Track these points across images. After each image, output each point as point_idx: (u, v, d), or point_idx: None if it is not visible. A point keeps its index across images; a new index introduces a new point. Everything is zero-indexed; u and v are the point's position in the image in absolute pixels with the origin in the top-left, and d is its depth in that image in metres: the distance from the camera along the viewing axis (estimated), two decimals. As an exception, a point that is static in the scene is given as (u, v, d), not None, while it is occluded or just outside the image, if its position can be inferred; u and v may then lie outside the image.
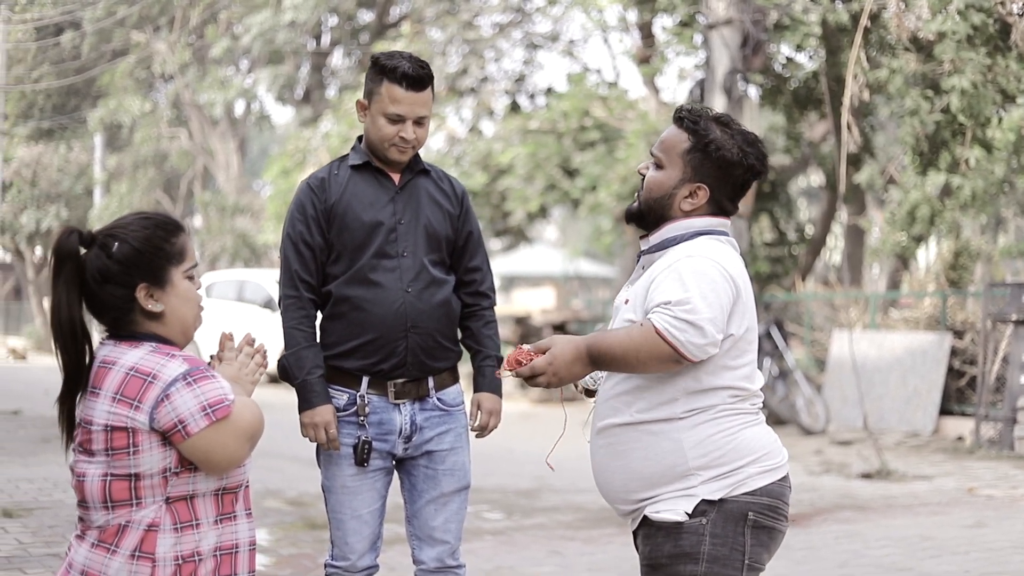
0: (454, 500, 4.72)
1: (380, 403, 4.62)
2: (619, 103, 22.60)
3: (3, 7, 32.14)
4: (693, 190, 3.60)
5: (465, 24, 26.16)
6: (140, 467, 3.02)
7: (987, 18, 13.63)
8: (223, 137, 35.56)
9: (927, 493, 11.02)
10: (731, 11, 15.85)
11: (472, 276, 4.82)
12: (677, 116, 3.65)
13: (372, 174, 4.69)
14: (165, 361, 3.05)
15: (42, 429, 14.61)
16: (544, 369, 3.39)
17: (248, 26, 30.71)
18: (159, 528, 3.05)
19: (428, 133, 4.70)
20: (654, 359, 3.37)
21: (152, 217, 3.19)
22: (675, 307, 3.35)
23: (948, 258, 17.41)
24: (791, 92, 19.32)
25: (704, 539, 3.46)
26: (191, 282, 3.20)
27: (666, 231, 3.62)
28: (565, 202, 22.23)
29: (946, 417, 15.33)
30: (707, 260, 3.46)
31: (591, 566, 7.92)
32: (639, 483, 3.53)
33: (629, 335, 3.38)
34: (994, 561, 7.90)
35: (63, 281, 3.09)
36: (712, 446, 3.48)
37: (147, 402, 3.00)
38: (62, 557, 7.46)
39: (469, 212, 4.83)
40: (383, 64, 4.58)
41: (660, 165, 3.64)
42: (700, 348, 3.35)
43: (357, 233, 4.61)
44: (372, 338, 4.59)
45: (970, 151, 14.73)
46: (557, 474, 11.96)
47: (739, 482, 3.49)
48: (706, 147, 3.58)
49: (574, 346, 3.41)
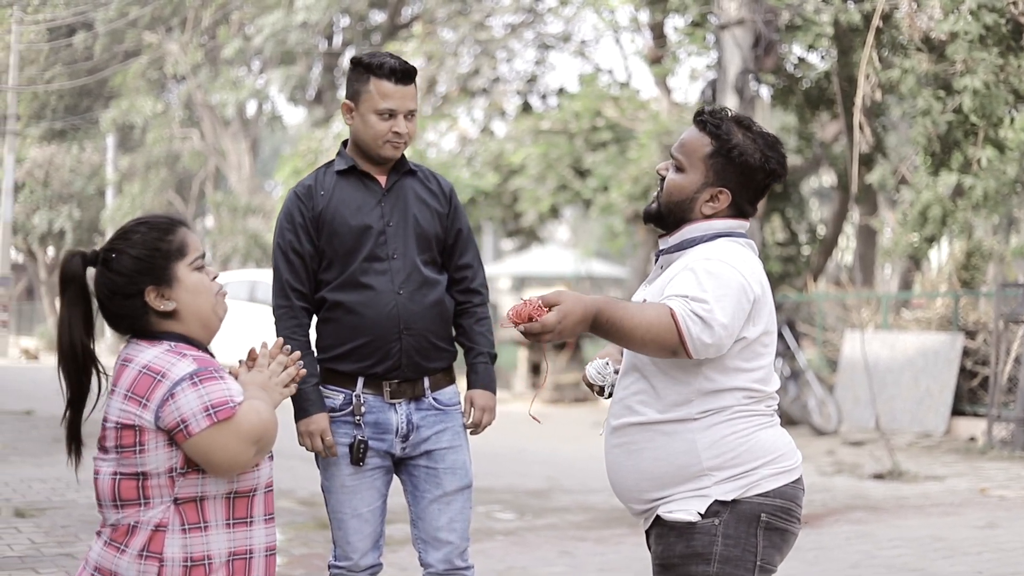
0: (457, 499, 4.71)
1: (376, 403, 4.64)
2: (631, 103, 22.61)
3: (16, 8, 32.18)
4: (715, 194, 3.58)
5: (477, 25, 26.17)
6: (146, 466, 3.04)
7: (999, 18, 13.61)
8: (235, 138, 35.61)
9: (939, 494, 11.00)
10: (743, 11, 15.84)
11: (463, 273, 4.82)
12: (699, 119, 3.62)
13: (358, 178, 4.71)
14: (175, 360, 3.07)
15: (54, 429, 14.63)
16: (552, 327, 3.25)
17: (260, 27, 30.73)
18: (167, 528, 3.04)
19: (416, 128, 4.74)
20: (658, 343, 3.33)
21: (145, 220, 3.21)
22: (693, 301, 3.33)
23: (960, 258, 17.38)
24: (803, 92, 19.30)
25: (716, 539, 3.46)
26: (200, 273, 3.20)
27: (686, 232, 3.61)
28: (577, 202, 22.25)
29: (958, 418, 15.31)
30: (725, 264, 3.44)
31: (602, 566, 7.91)
32: (651, 483, 3.53)
33: (643, 311, 3.33)
34: (1006, 562, 7.89)
35: (68, 303, 3.13)
36: (726, 447, 3.48)
37: (154, 400, 3.02)
38: (75, 557, 7.51)
39: (458, 209, 4.84)
40: (368, 63, 4.62)
41: (681, 168, 3.61)
42: (705, 347, 3.33)
43: (346, 238, 4.63)
44: (366, 341, 4.61)
45: (982, 151, 14.70)
46: (568, 474, 11.98)
47: (752, 483, 3.49)
48: (729, 152, 3.56)
49: (583, 307, 3.28)
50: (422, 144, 23.83)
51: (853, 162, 13.88)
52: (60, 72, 34.42)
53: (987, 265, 18.21)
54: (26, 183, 38.11)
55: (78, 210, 38.58)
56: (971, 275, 17.27)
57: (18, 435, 14.12)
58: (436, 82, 25.71)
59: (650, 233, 21.63)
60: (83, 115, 38.43)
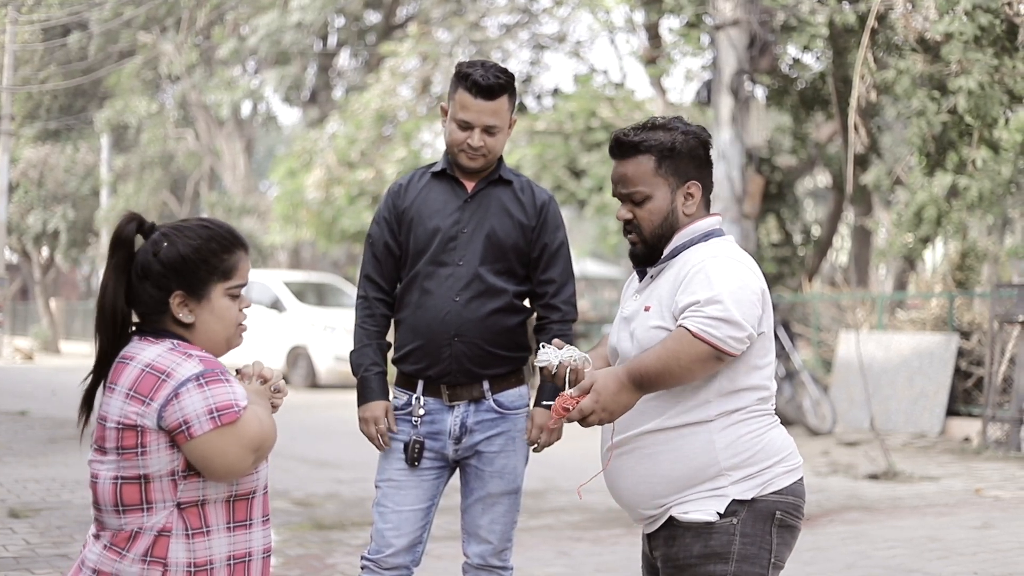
0: (501, 502, 4.76)
1: (435, 405, 4.72)
2: (626, 104, 22.60)
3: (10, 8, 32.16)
4: (686, 192, 3.65)
5: (472, 25, 26.19)
6: (148, 468, 2.99)
7: (994, 19, 13.62)
8: (230, 138, 35.58)
9: (934, 494, 11.01)
10: (738, 12, 15.84)
11: (544, 288, 4.81)
12: (624, 147, 3.65)
13: (448, 182, 4.76)
14: (181, 360, 3.01)
15: (49, 430, 14.64)
16: (592, 408, 3.36)
17: (255, 27, 30.71)
18: (171, 533, 3.02)
19: (503, 144, 4.71)
20: (697, 363, 3.38)
21: (213, 228, 3.15)
22: (705, 306, 3.37)
23: (955, 259, 17.40)
24: (798, 93, 19.33)
25: (735, 538, 3.49)
26: (232, 301, 3.15)
27: (675, 239, 3.65)
28: (571, 203, 22.22)
29: (953, 418, 15.32)
30: (730, 259, 3.51)
31: (599, 567, 7.92)
32: (667, 486, 3.54)
33: (664, 347, 3.39)
34: (1001, 562, 7.90)
35: (113, 266, 3.08)
36: (742, 446, 3.52)
37: (158, 400, 2.96)
38: (70, 557, 7.50)
39: (547, 223, 4.80)
40: (460, 71, 4.66)
41: (645, 198, 3.64)
42: (739, 341, 3.38)
43: (420, 239, 4.71)
44: (420, 344, 4.70)
45: (977, 152, 14.71)
46: (564, 475, 11.97)
47: (767, 481, 3.53)
48: (671, 151, 3.62)
49: (615, 377, 3.39)
50: (416, 144, 23.82)
51: (848, 163, 13.92)
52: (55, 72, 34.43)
53: (982, 266, 18.22)
54: (20, 183, 38.09)
55: (73, 210, 38.56)
56: (966, 276, 17.28)
57: (13, 436, 14.11)
58: (431, 83, 25.70)
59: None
60: (78, 115, 38.43)
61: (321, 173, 24.11)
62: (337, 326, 23.04)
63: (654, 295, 3.62)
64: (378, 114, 24.48)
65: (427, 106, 25.50)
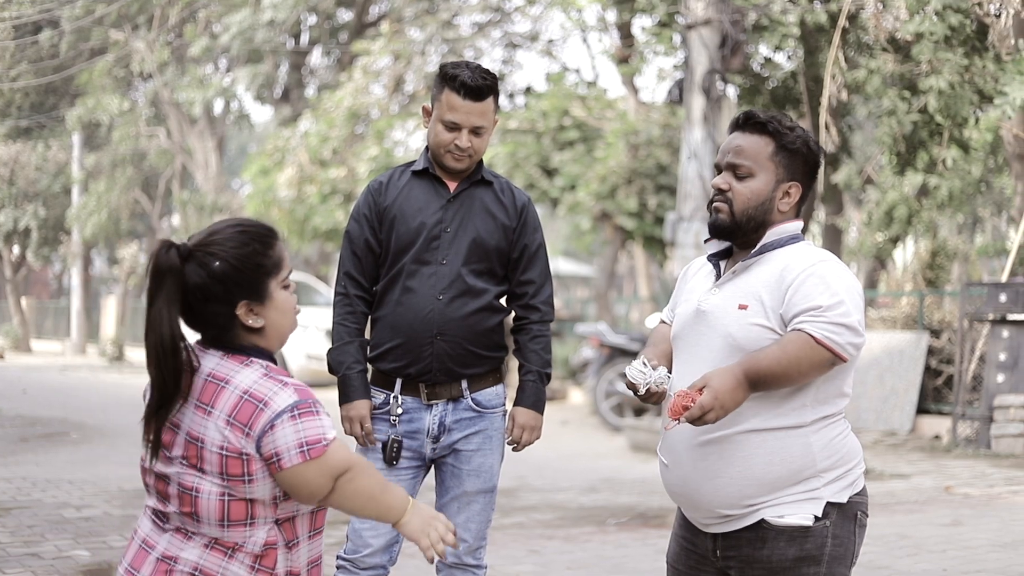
0: (477, 500, 4.77)
1: (413, 404, 4.72)
2: (598, 103, 22.63)
3: (-20, 5, 31.97)
4: (787, 189, 3.67)
5: (444, 24, 26.15)
6: (255, 494, 3.03)
7: (965, 19, 13.67)
8: (202, 136, 35.45)
9: (904, 492, 11.06)
10: (710, 11, 15.86)
11: (524, 289, 4.85)
12: (754, 122, 3.67)
13: (430, 181, 4.76)
14: (278, 389, 3.02)
15: (21, 428, 14.56)
16: (711, 404, 3.34)
17: (227, 25, 30.60)
18: (276, 546, 3.09)
19: (487, 144, 4.73)
20: (815, 367, 3.41)
21: (248, 230, 3.12)
22: (828, 312, 3.40)
23: (925, 258, 17.48)
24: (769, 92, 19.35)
25: (827, 541, 3.53)
26: (287, 291, 3.16)
27: (767, 236, 3.66)
28: (544, 201, 22.25)
29: (923, 416, 15.40)
30: (837, 264, 3.54)
31: (570, 564, 7.93)
32: (758, 488, 3.53)
33: (785, 351, 3.40)
34: (971, 559, 7.95)
35: (164, 296, 2.99)
36: (835, 448, 3.55)
37: (256, 429, 2.98)
38: (41, 557, 7.46)
39: (527, 225, 4.84)
40: (446, 72, 4.65)
41: (750, 174, 3.65)
42: (856, 347, 3.44)
43: (403, 237, 4.70)
44: (401, 342, 4.69)
45: (947, 151, 14.79)
46: (537, 473, 11.98)
47: (852, 483, 3.59)
48: (791, 145, 3.65)
49: (732, 375, 3.38)
50: (389, 143, 23.81)
51: (819, 162, 13.93)
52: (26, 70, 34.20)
53: (952, 264, 18.33)
54: (-9, 181, 37.87)
55: (44, 208, 38.34)
56: (936, 274, 17.37)
57: (-17, 435, 14.03)
58: (404, 81, 25.68)
59: (616, 232, 21.69)
60: (49, 113, 38.22)
61: (293, 171, 24.07)
62: (309, 324, 22.98)
63: (748, 293, 3.59)
64: (350, 112, 24.45)
65: (399, 104, 25.48)
